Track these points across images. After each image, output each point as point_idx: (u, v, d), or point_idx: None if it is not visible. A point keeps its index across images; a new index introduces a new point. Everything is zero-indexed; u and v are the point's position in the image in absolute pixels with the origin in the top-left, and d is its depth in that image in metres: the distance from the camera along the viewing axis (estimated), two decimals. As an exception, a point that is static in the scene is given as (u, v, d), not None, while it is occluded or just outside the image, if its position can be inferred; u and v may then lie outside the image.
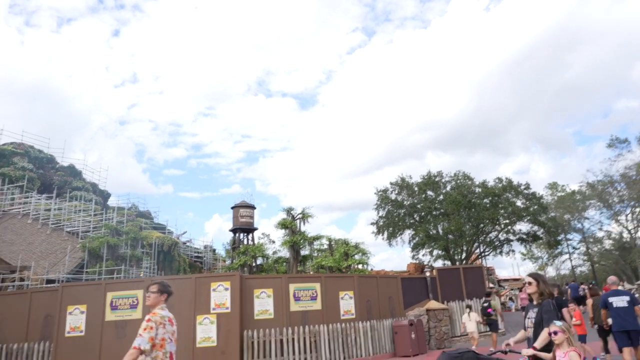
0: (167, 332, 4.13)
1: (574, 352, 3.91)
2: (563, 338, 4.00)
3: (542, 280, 4.61)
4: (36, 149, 34.92)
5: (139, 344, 3.85)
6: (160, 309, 4.19)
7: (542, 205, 34.30)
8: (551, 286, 4.73)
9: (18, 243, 24.62)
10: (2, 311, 13.47)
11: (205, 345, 12.22)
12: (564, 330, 4.00)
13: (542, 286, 4.55)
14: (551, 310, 4.38)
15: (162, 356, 4.02)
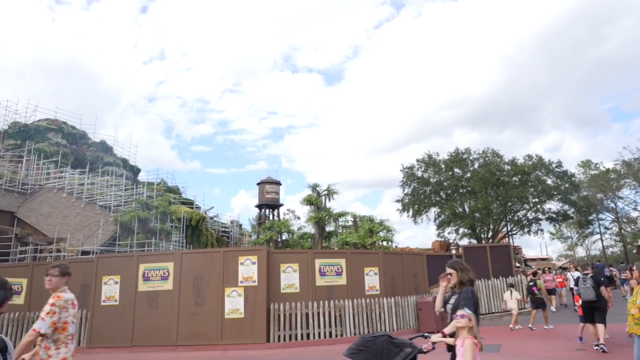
0: (70, 315, 4.20)
1: (470, 340, 3.82)
2: (465, 324, 3.92)
3: (460, 268, 4.61)
4: (69, 125, 35.87)
5: (39, 327, 3.92)
6: (63, 292, 4.26)
7: (573, 184, 33.37)
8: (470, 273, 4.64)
9: (54, 216, 25.61)
10: (42, 280, 14.11)
11: (233, 317, 12.59)
12: (470, 318, 3.93)
13: (461, 274, 4.55)
14: (469, 297, 4.37)
15: (64, 338, 4.10)
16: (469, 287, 4.48)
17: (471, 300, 4.31)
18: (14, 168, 28.63)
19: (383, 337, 3.95)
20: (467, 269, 4.61)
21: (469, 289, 4.45)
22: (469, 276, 4.53)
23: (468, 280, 4.51)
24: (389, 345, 3.87)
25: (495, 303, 16.76)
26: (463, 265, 4.64)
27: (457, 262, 4.73)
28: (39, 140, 32.02)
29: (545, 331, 13.16)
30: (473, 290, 4.45)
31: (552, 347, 10.40)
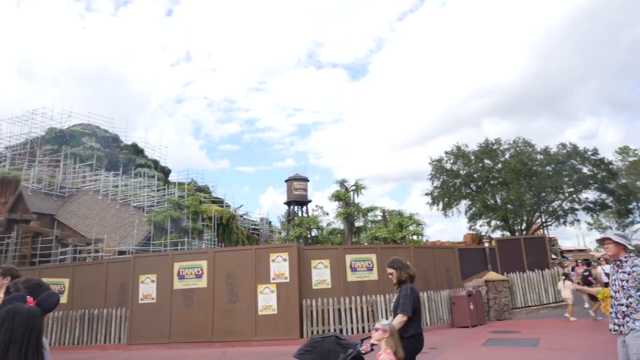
0: None
1: (384, 354, 3.72)
2: (380, 337, 3.84)
3: (399, 267, 4.67)
4: (102, 129, 36.96)
5: None
6: None
7: (611, 172, 32.16)
8: (410, 270, 4.69)
9: (91, 218, 26.48)
10: (82, 279, 14.67)
11: (267, 313, 12.74)
12: (385, 330, 3.84)
13: (400, 273, 4.62)
14: (407, 294, 4.44)
15: None
16: (408, 284, 4.57)
17: (409, 297, 4.42)
18: (52, 172, 29.71)
19: (331, 338, 3.98)
20: (406, 266, 4.71)
21: (408, 286, 4.54)
22: (408, 273, 4.64)
23: (407, 277, 4.61)
24: (336, 346, 3.90)
25: (531, 296, 16.38)
26: (401, 263, 4.74)
27: (395, 260, 4.83)
28: (74, 145, 33.12)
29: (588, 324, 12.79)
30: (412, 287, 4.54)
31: (593, 341, 10.09)
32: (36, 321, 2.20)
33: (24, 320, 2.14)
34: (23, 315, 2.15)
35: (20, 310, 2.16)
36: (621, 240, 4.77)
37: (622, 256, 4.72)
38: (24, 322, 2.13)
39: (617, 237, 4.77)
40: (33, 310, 2.22)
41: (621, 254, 4.77)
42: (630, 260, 4.66)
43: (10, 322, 2.10)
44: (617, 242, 4.71)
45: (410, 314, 4.43)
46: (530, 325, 13.38)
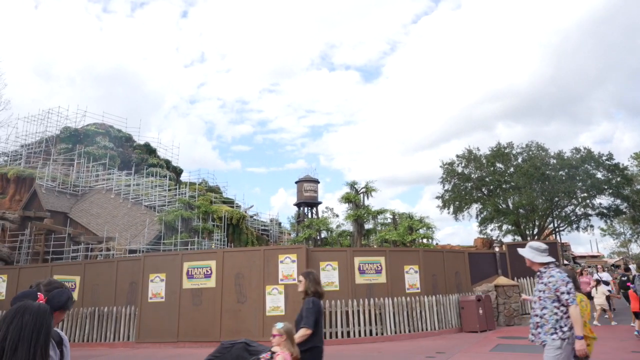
0: None
1: (281, 355, 3.92)
2: (279, 341, 4.03)
3: (310, 279, 4.76)
4: (115, 128, 37.39)
5: None
6: None
7: (626, 177, 31.68)
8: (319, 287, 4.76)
9: (103, 216, 26.80)
10: (93, 277, 14.84)
11: (275, 314, 12.75)
12: (281, 334, 4.03)
13: (307, 284, 4.71)
14: (310, 307, 4.55)
15: None
16: (311, 297, 4.68)
17: (311, 311, 4.56)
18: (66, 171, 30.13)
19: (240, 344, 4.04)
20: (317, 282, 4.79)
21: (310, 299, 4.65)
22: (316, 289, 4.72)
23: (313, 292, 4.70)
24: (244, 352, 3.97)
25: (542, 302, 16.17)
26: (314, 277, 4.84)
27: (311, 272, 4.93)
28: (88, 144, 33.55)
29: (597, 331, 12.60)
30: (314, 300, 4.64)
31: (605, 349, 9.94)
32: (45, 319, 2.17)
33: (33, 317, 2.12)
34: (32, 313, 2.13)
35: (29, 308, 2.15)
36: (525, 254, 4.76)
37: (542, 267, 4.68)
38: (33, 319, 2.11)
39: (525, 250, 4.78)
40: (42, 308, 2.20)
41: (535, 266, 4.75)
42: (548, 271, 4.62)
43: (19, 320, 2.08)
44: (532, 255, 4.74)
45: (312, 327, 4.52)
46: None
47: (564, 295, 4.42)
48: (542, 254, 4.72)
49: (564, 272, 4.60)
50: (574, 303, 4.38)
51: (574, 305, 4.37)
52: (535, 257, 4.72)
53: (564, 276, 4.52)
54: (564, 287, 4.44)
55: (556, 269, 4.62)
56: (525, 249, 4.84)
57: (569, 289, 4.43)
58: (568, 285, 4.44)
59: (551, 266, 4.66)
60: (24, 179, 28.62)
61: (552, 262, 4.69)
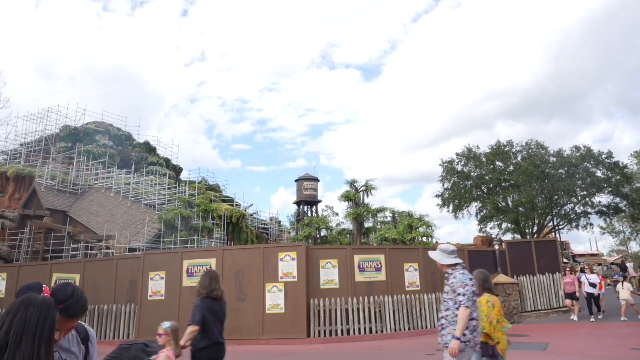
0: None
1: (165, 353, 4.04)
2: (166, 340, 4.15)
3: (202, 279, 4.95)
4: (115, 127, 37.35)
5: None
6: None
7: (626, 176, 31.65)
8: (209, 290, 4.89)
9: (103, 215, 26.79)
10: (93, 276, 14.84)
11: (274, 312, 12.77)
12: (167, 334, 4.15)
13: (200, 286, 4.91)
14: (197, 305, 4.73)
15: None
16: (200, 296, 4.85)
17: (199, 308, 4.73)
18: (66, 170, 30.11)
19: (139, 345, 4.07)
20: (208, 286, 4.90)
21: (199, 298, 4.84)
22: (207, 292, 4.87)
23: (205, 293, 4.86)
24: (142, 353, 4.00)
25: (541, 300, 16.18)
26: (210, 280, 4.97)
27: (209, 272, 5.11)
28: (88, 143, 33.52)
29: (595, 328, 12.62)
30: (202, 298, 4.81)
31: (603, 347, 9.96)
32: (50, 312, 2.12)
33: (37, 310, 2.07)
34: (37, 306, 2.09)
35: (34, 301, 2.11)
36: (434, 256, 4.79)
37: (449, 269, 4.70)
38: (37, 312, 2.07)
39: (434, 252, 4.80)
40: (47, 301, 2.16)
41: (443, 268, 4.77)
42: (454, 274, 4.64)
43: (24, 312, 2.04)
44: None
45: (198, 324, 4.63)
46: (540, 329, 13.24)
47: (458, 297, 4.45)
48: (450, 256, 4.72)
49: (468, 275, 4.61)
50: (465, 305, 4.38)
51: (463, 308, 4.38)
52: (442, 260, 4.74)
53: (464, 278, 4.53)
54: (461, 289, 4.47)
55: (461, 271, 4.63)
56: (435, 251, 4.85)
57: (465, 291, 4.44)
58: (465, 288, 4.46)
59: (458, 268, 4.66)
60: (23, 177, 28.60)
61: (459, 264, 4.70)
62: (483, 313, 4.98)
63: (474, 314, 4.52)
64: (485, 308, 5.02)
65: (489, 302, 5.13)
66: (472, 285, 4.56)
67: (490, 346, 4.95)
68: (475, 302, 4.58)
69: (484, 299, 5.14)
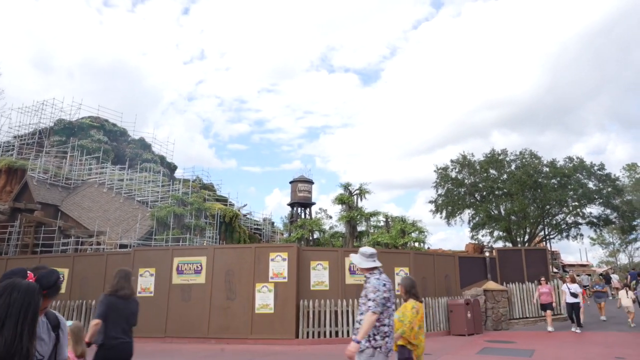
0: None
1: None
2: None
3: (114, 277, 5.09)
4: (110, 122, 37.18)
5: None
6: None
7: (616, 188, 31.99)
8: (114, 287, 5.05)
9: (95, 210, 26.64)
10: (82, 270, 14.76)
11: (263, 312, 12.76)
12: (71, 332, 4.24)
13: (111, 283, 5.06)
14: (99, 301, 4.89)
15: None
16: (106, 293, 4.99)
17: (100, 304, 4.86)
18: (59, 163, 29.93)
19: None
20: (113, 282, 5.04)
21: (103, 294, 5.00)
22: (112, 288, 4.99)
23: (110, 290, 4.99)
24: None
25: (529, 308, 16.28)
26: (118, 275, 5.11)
27: (120, 271, 5.22)
28: (82, 137, 33.34)
29: (581, 336, 12.71)
30: (105, 295, 4.95)
31: (588, 355, 10.04)
32: (34, 297, 2.13)
33: (21, 295, 2.08)
34: (21, 291, 2.09)
35: (18, 285, 2.11)
36: (353, 259, 4.83)
37: (367, 273, 4.65)
38: (21, 297, 2.07)
39: (355, 255, 4.77)
40: (32, 286, 2.17)
41: (363, 271, 4.71)
42: (370, 278, 4.58)
43: (7, 297, 2.05)
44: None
45: (99, 318, 4.75)
46: (526, 336, 13.31)
47: (368, 302, 4.38)
48: (368, 259, 4.65)
49: (382, 280, 4.53)
50: (373, 310, 4.32)
51: (370, 313, 4.32)
52: (361, 263, 4.69)
53: (377, 283, 4.46)
54: (372, 294, 4.40)
55: (377, 275, 4.56)
56: (356, 254, 4.79)
57: (375, 297, 4.37)
58: (376, 293, 4.39)
59: (375, 272, 4.61)
60: (15, 170, 28.39)
61: (377, 268, 4.64)
62: (407, 318, 4.99)
63: (386, 320, 4.45)
64: (410, 313, 5.04)
65: (413, 308, 5.14)
66: (386, 290, 4.47)
67: (407, 350, 4.97)
68: (389, 308, 4.51)
69: (409, 304, 5.16)
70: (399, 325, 4.97)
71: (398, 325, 4.96)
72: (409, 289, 5.37)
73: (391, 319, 4.55)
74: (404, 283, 5.41)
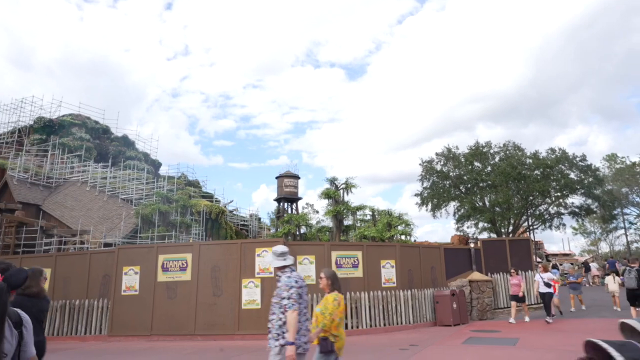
0: None
1: None
2: None
3: None
4: (92, 120, 36.61)
5: None
6: None
7: (597, 178, 32.55)
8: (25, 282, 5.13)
9: (78, 209, 26.24)
10: (65, 270, 14.54)
11: (250, 308, 12.73)
12: None
13: None
14: None
15: None
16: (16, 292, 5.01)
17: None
18: (40, 162, 29.39)
19: None
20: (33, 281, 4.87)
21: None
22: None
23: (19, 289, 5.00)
24: None
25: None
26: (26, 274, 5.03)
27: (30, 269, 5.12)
28: (63, 135, 32.78)
29: (563, 324, 12.94)
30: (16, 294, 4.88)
31: (571, 341, 10.22)
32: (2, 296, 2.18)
33: None
34: None
35: None
36: (266, 259, 4.88)
37: (279, 272, 4.71)
38: None
39: (268, 255, 4.86)
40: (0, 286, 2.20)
41: (275, 270, 4.79)
42: (281, 277, 4.64)
43: None
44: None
45: None
46: (510, 325, 13.51)
47: (283, 301, 4.42)
48: (279, 258, 4.68)
49: (294, 277, 4.55)
50: (292, 308, 4.34)
51: (290, 311, 4.35)
52: (272, 262, 4.73)
53: (289, 281, 4.50)
54: (285, 292, 4.44)
55: (288, 273, 4.58)
56: (271, 256, 4.82)
57: (290, 294, 4.40)
58: (290, 291, 4.43)
59: (286, 271, 4.63)
60: (-5, 169, 27.77)
61: (288, 267, 4.66)
62: (328, 310, 4.99)
63: (302, 318, 4.46)
64: (331, 306, 5.02)
65: (335, 300, 5.12)
66: (299, 286, 4.47)
67: (330, 342, 4.96)
68: (300, 304, 4.49)
69: (331, 297, 5.15)
70: (320, 318, 4.95)
71: (320, 318, 4.95)
72: (333, 280, 5.29)
73: (301, 315, 4.53)
74: (327, 274, 5.32)
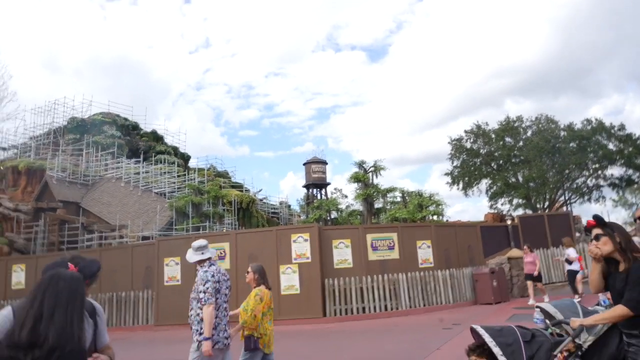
0: None
1: None
2: None
3: None
4: (122, 117, 37.42)
5: None
6: None
7: (638, 147, 31.28)
8: None
9: (114, 204, 27.01)
10: (109, 264, 15.00)
11: (289, 293, 12.88)
12: None
13: None
14: None
15: None
16: None
17: None
18: (76, 161, 30.31)
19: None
20: None
21: None
22: None
23: None
24: None
25: (555, 272, 16.16)
26: None
27: None
28: (96, 134, 33.64)
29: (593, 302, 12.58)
30: None
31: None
32: (79, 286, 2.25)
33: (67, 284, 2.18)
34: (67, 280, 2.20)
35: (63, 275, 2.21)
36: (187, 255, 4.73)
37: (198, 266, 4.59)
38: (67, 286, 2.17)
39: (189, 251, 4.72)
40: (76, 276, 2.28)
41: (196, 265, 4.65)
42: (199, 271, 4.52)
43: (54, 287, 2.15)
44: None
45: None
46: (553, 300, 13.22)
47: (200, 294, 4.35)
48: (196, 252, 4.60)
49: (211, 271, 4.48)
50: (208, 303, 4.27)
51: (207, 305, 4.27)
52: (191, 257, 4.65)
53: (206, 275, 4.42)
54: (201, 286, 4.37)
55: (205, 267, 4.50)
56: (191, 251, 4.72)
57: (206, 288, 4.33)
58: (206, 285, 4.35)
59: (204, 265, 4.54)
60: (34, 170, 28.83)
61: (206, 260, 4.57)
62: (249, 306, 4.88)
63: (221, 313, 4.41)
64: (252, 302, 4.91)
65: (257, 296, 5.01)
66: (216, 280, 4.42)
67: (254, 339, 4.85)
68: (218, 299, 4.43)
69: (253, 292, 5.04)
70: (242, 314, 4.87)
71: (242, 315, 4.87)
72: (260, 274, 5.20)
73: (221, 310, 4.49)
74: (254, 269, 5.20)
